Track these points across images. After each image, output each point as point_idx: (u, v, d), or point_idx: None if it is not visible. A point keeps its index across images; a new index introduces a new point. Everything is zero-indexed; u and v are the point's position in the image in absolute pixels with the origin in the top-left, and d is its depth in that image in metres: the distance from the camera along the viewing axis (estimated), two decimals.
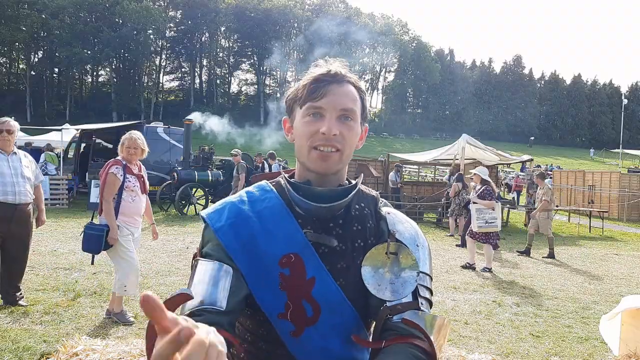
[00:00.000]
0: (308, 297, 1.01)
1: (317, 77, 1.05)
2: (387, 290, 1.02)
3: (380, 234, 1.10)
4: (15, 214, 4.24)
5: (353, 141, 1.07)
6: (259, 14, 62.73)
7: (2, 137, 4.23)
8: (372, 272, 1.03)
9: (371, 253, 1.05)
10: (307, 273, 1.02)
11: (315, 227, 1.05)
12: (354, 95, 1.07)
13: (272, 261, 1.02)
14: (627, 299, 3.57)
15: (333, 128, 1.02)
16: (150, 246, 7.78)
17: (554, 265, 8.03)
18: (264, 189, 1.12)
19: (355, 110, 1.06)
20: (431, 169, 23.66)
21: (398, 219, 1.14)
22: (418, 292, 1.04)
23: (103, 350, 2.87)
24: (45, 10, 51.35)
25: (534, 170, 15.58)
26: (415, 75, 70.76)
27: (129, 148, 4.31)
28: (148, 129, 13.84)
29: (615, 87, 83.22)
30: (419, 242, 1.12)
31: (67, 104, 55.43)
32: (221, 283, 0.98)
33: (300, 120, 1.06)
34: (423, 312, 1.01)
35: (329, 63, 1.09)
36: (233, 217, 1.06)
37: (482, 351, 3.83)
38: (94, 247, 4.08)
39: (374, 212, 1.13)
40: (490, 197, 7.23)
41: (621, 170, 25.42)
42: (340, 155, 1.05)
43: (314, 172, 1.06)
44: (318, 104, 1.03)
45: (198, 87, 67.22)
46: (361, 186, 1.16)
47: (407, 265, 1.05)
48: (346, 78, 1.07)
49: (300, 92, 1.07)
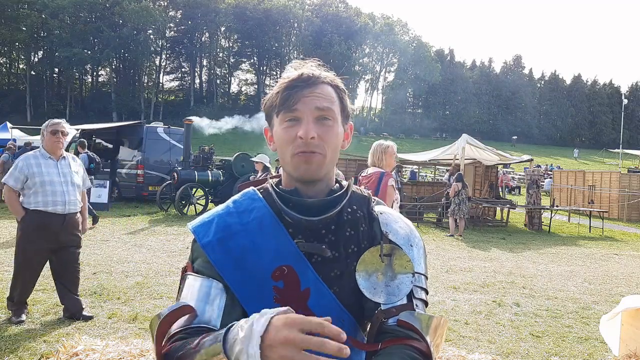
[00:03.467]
0: (304, 309, 0.99)
1: (289, 84, 1.01)
2: (383, 294, 1.00)
3: (373, 237, 1.07)
4: (64, 224, 4.06)
5: (335, 142, 1.03)
6: (259, 14, 62.70)
7: (56, 139, 3.99)
8: (366, 276, 1.01)
9: (364, 257, 1.03)
10: (302, 284, 1.00)
11: (306, 236, 1.02)
12: (331, 95, 1.03)
13: (265, 275, 0.99)
14: (627, 299, 3.57)
15: (310, 131, 0.98)
16: (150, 246, 7.78)
17: (554, 265, 8.04)
18: (251, 198, 1.08)
19: (332, 109, 1.02)
20: (431, 169, 23.67)
21: (391, 218, 1.10)
22: (413, 294, 1.03)
23: (103, 350, 2.88)
24: (45, 10, 51.33)
25: (534, 170, 15.59)
26: (415, 75, 70.72)
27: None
28: (148, 129, 13.84)
29: (615, 87, 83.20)
30: (413, 242, 1.09)
31: (67, 104, 55.41)
32: (215, 302, 0.97)
33: (278, 129, 1.03)
34: (419, 313, 1.00)
35: (301, 66, 1.06)
36: (221, 232, 1.03)
37: (482, 351, 3.83)
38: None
39: (366, 213, 1.09)
40: None
41: (621, 170, 25.42)
42: (323, 158, 1.01)
43: (300, 179, 1.03)
44: (293, 112, 1.00)
45: (198, 87, 67.21)
46: (353, 187, 1.13)
47: (402, 266, 1.03)
48: (320, 79, 1.02)
49: (274, 100, 1.03)
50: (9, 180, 3.95)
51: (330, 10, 69.86)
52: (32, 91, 54.15)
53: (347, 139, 1.11)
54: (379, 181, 4.22)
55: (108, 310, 4.49)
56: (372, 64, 73.69)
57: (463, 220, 10.98)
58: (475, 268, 7.35)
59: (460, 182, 11.06)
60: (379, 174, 4.28)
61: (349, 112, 1.09)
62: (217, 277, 0.99)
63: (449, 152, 14.08)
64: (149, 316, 4.34)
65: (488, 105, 76.05)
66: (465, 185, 11.21)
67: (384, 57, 73.83)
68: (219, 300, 0.97)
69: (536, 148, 61.73)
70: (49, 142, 4.02)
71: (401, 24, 76.01)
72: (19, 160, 4.04)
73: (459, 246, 9.57)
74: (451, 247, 9.39)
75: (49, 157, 4.04)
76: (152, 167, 13.54)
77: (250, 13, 62.23)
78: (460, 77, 75.55)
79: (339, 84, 1.07)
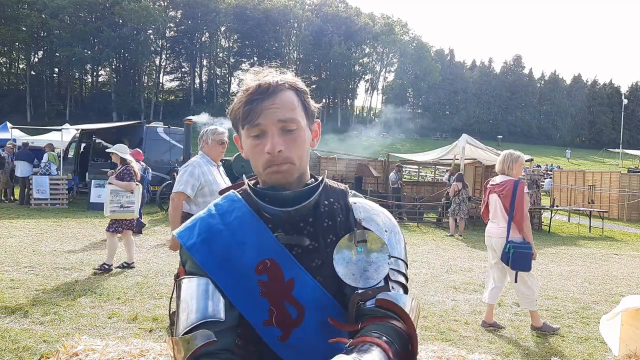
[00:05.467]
0: (290, 299, 1.01)
1: (248, 98, 1.02)
2: (362, 279, 1.01)
3: (349, 226, 1.09)
4: None
5: (302, 148, 1.06)
6: (259, 14, 62.74)
7: (222, 149, 3.94)
8: (343, 263, 1.03)
9: (340, 245, 1.04)
10: (285, 275, 1.02)
11: (286, 229, 1.04)
12: (292, 102, 1.04)
13: (249, 270, 1.02)
14: (627, 299, 3.57)
15: (276, 145, 1.01)
16: (151, 246, 7.79)
17: (554, 265, 8.03)
18: (231, 200, 1.11)
19: (295, 118, 1.04)
20: (431, 169, 23.67)
21: (365, 207, 1.12)
22: (389, 276, 1.04)
23: (103, 350, 2.87)
24: (45, 10, 51.37)
25: (534, 170, 15.58)
26: (415, 75, 70.76)
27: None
28: (148, 129, 13.86)
29: (615, 87, 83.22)
30: (388, 228, 1.10)
31: (67, 104, 55.45)
32: (216, 296, 1.00)
33: (246, 141, 1.06)
34: (395, 293, 1.01)
35: (258, 74, 1.06)
36: (204, 233, 1.05)
37: (482, 351, 3.83)
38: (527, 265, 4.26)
39: (343, 205, 1.11)
40: (130, 178, 6.18)
41: (621, 170, 25.42)
42: (293, 166, 1.04)
43: (275, 187, 1.06)
44: (256, 127, 1.02)
45: (198, 87, 67.24)
46: (329, 181, 1.15)
47: (377, 249, 1.04)
48: (279, 87, 1.03)
49: (238, 113, 1.05)
50: (186, 189, 3.74)
51: (330, 10, 69.87)
52: (32, 91, 54.17)
53: (316, 137, 1.14)
54: (514, 189, 4.34)
55: (108, 310, 4.49)
56: (372, 64, 73.72)
57: (463, 220, 10.99)
58: (475, 268, 7.35)
59: (461, 182, 11.07)
60: (513, 182, 4.40)
61: (313, 111, 1.11)
62: (207, 276, 1.02)
63: (449, 152, 14.08)
64: (149, 316, 4.35)
65: (488, 105, 76.06)
66: (466, 185, 11.22)
67: (384, 57, 73.89)
68: (219, 294, 1.00)
69: (526, 147, 61.58)
70: (215, 150, 3.93)
71: (401, 24, 75.99)
72: (191, 168, 3.82)
73: (459, 246, 9.57)
74: (451, 247, 9.39)
75: (213, 164, 3.96)
76: (152, 167, 13.53)
77: (250, 13, 62.26)
78: (460, 77, 75.59)
79: (299, 85, 1.08)
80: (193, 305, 0.98)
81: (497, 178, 4.58)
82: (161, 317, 4.31)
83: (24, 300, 4.63)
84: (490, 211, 4.61)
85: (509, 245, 4.29)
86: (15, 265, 6.02)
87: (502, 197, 4.41)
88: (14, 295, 4.79)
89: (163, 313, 4.43)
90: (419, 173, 24.77)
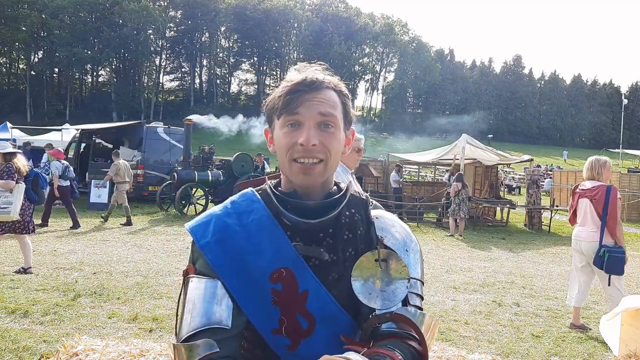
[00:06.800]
0: (302, 311, 0.99)
1: (292, 88, 1.00)
2: (378, 299, 1.00)
3: (370, 240, 1.06)
4: None
5: (337, 149, 1.02)
6: (259, 14, 62.70)
7: (359, 156, 3.87)
8: (362, 281, 1.00)
9: (360, 262, 1.02)
10: (300, 286, 0.99)
11: (304, 239, 1.01)
12: (334, 101, 1.02)
13: (263, 277, 0.99)
14: (627, 299, 3.57)
15: (312, 138, 0.97)
16: (150, 246, 7.79)
17: (554, 265, 8.04)
18: (250, 199, 1.07)
19: (335, 115, 1.01)
20: (431, 169, 23.67)
21: (387, 222, 1.10)
22: (408, 300, 1.03)
23: (103, 350, 2.87)
24: (45, 10, 51.32)
25: (534, 170, 15.58)
26: (415, 75, 70.73)
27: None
28: (148, 129, 13.84)
29: (615, 87, 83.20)
30: (409, 247, 1.08)
31: (67, 104, 55.39)
32: (224, 301, 0.97)
33: (279, 132, 1.02)
34: (415, 311, 1.01)
35: (306, 69, 1.05)
36: (219, 233, 1.02)
37: (482, 351, 3.83)
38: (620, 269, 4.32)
39: (364, 217, 1.08)
40: (9, 176, 5.61)
41: (621, 170, 25.41)
42: (324, 165, 1.00)
43: (298, 186, 1.02)
44: (295, 115, 0.99)
45: (198, 87, 67.18)
46: (351, 189, 1.12)
47: (398, 272, 1.02)
48: (324, 84, 1.01)
49: (277, 103, 1.02)
50: None
51: (330, 10, 69.86)
52: (32, 91, 54.12)
53: (349, 144, 1.10)
54: (607, 194, 4.41)
55: (108, 310, 4.49)
56: (372, 64, 73.65)
57: (463, 220, 10.98)
58: (475, 268, 7.35)
59: (461, 182, 11.07)
60: (605, 188, 4.46)
61: (352, 118, 1.08)
62: (218, 277, 0.99)
63: (449, 152, 14.08)
64: (149, 316, 4.34)
65: (488, 105, 76.04)
66: (466, 185, 11.22)
67: (384, 57, 73.81)
68: (227, 299, 0.97)
69: (526, 147, 61.52)
70: (352, 159, 3.81)
71: (401, 24, 75.95)
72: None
73: (459, 246, 9.57)
74: (451, 247, 9.39)
75: (348, 171, 3.89)
76: (152, 167, 13.55)
77: (250, 13, 62.23)
78: (460, 77, 75.53)
79: (343, 88, 1.06)
80: (199, 307, 0.96)
81: (587, 183, 4.63)
82: (161, 317, 4.31)
83: (24, 300, 4.63)
84: (579, 215, 4.65)
85: (603, 250, 4.35)
86: (15, 265, 6.02)
87: (595, 202, 4.47)
88: (14, 295, 4.79)
89: (163, 313, 4.43)
90: (419, 173, 24.77)
